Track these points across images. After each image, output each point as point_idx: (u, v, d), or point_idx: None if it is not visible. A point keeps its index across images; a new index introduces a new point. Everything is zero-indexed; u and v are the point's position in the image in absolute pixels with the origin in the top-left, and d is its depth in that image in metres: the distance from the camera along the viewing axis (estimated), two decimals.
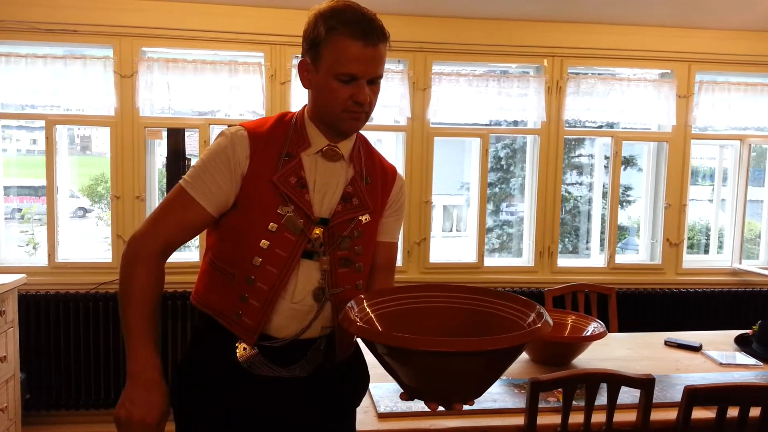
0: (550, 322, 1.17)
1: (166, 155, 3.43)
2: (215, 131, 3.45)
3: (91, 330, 3.27)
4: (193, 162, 3.50)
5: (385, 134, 3.76)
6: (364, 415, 1.79)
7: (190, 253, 3.64)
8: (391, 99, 3.46)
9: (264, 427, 1.42)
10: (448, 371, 1.08)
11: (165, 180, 3.48)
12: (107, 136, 3.35)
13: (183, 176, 1.42)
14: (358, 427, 1.63)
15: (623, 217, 5.27)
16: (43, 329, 3.23)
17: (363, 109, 1.37)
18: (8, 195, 3.56)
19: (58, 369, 3.26)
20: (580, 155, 5.67)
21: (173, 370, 1.50)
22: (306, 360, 1.42)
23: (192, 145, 3.50)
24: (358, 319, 1.21)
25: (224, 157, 1.38)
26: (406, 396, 1.20)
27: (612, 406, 1.79)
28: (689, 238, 4.55)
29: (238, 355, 1.38)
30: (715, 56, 3.70)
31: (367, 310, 1.27)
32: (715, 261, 3.99)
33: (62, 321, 3.25)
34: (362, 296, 1.32)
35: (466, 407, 1.20)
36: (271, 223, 1.36)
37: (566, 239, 5.29)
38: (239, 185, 1.38)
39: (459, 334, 1.24)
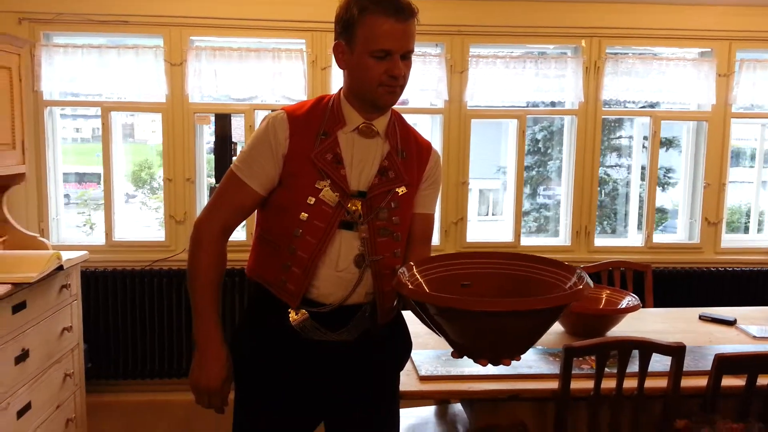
0: (591, 283, 1.25)
1: (213, 140, 3.59)
2: (260, 116, 3.59)
3: (146, 304, 3.47)
4: (239, 146, 3.68)
5: (421, 117, 3.84)
6: (406, 378, 1.90)
7: (236, 233, 3.80)
8: (429, 82, 3.54)
9: (315, 386, 1.55)
10: (497, 329, 1.19)
11: (213, 163, 3.64)
12: (149, 123, 3.51)
13: (233, 161, 1.56)
14: (401, 387, 1.75)
15: (665, 200, 5.24)
16: (101, 303, 3.45)
17: (398, 83, 1.46)
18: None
19: (116, 340, 3.48)
20: (620, 137, 5.65)
21: (232, 336, 1.64)
22: (353, 325, 1.53)
23: (238, 130, 3.65)
24: (409, 284, 1.31)
25: (266, 141, 1.51)
26: (457, 354, 1.31)
27: (643, 373, 1.86)
28: (731, 221, 4.53)
29: (290, 319, 1.51)
30: (757, 33, 3.66)
31: (417, 275, 1.37)
32: (755, 241, 3.97)
33: (119, 295, 3.46)
34: (411, 263, 1.43)
35: (510, 364, 1.30)
36: (310, 197, 1.47)
37: (605, 222, 5.30)
38: (281, 165, 1.50)
39: (503, 297, 1.34)
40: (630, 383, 1.87)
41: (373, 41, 1.42)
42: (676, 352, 1.84)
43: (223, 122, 3.60)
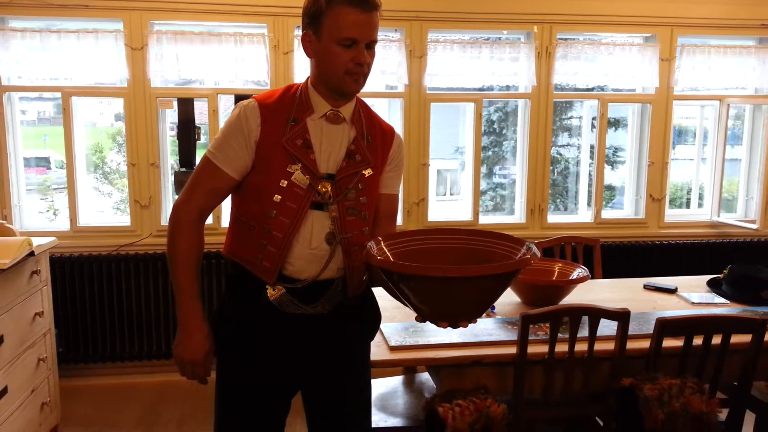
0: (538, 253, 1.41)
1: (177, 124, 3.62)
2: (223, 100, 3.64)
3: (114, 288, 3.51)
4: (203, 130, 3.71)
5: (378, 100, 3.95)
6: (377, 349, 2.04)
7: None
8: (389, 66, 3.64)
9: (292, 356, 1.66)
10: (454, 294, 1.33)
11: (177, 147, 3.68)
12: (96, 105, 3.50)
13: (208, 148, 1.66)
14: (373, 357, 1.89)
15: (614, 178, 5.49)
16: (69, 288, 3.47)
17: (362, 71, 1.58)
18: None
19: (85, 325, 3.51)
20: (571, 117, 5.87)
21: (213, 312, 1.74)
22: (326, 298, 1.65)
23: (201, 114, 3.69)
24: (377, 255, 1.44)
25: (239, 128, 1.60)
26: (420, 319, 1.44)
27: (593, 337, 2.05)
28: (678, 196, 4.79)
29: (269, 295, 1.62)
30: (696, 20, 3.89)
31: (384, 248, 1.50)
32: (696, 215, 4.25)
33: (87, 280, 3.48)
34: (380, 238, 1.56)
35: (467, 326, 1.45)
36: (282, 180, 1.58)
37: (558, 199, 5.52)
38: (254, 150, 1.60)
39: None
40: (581, 347, 2.05)
41: (340, 30, 1.53)
42: (622, 317, 2.03)
43: (185, 106, 3.63)
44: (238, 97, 3.60)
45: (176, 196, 3.81)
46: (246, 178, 1.63)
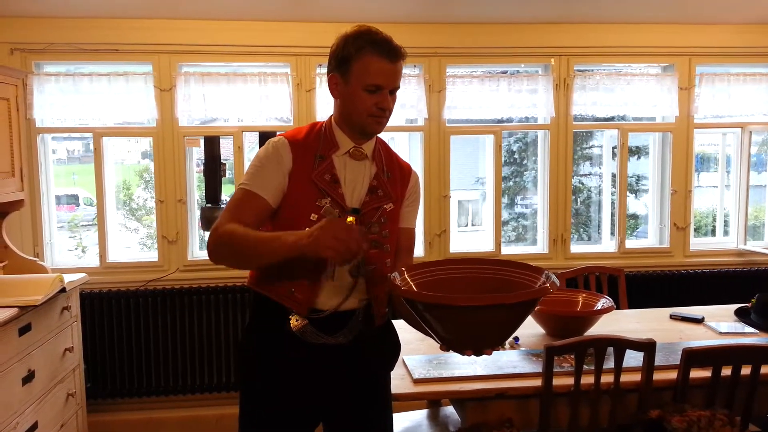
0: (557, 282, 1.44)
1: (203, 161, 3.72)
2: (248, 138, 3.72)
3: (141, 323, 3.56)
4: (228, 165, 3.79)
5: (399, 134, 4.01)
6: (401, 381, 2.05)
7: None
8: (409, 101, 3.71)
9: (314, 385, 1.69)
10: (477, 322, 1.36)
11: (203, 183, 3.76)
12: (125, 143, 3.62)
13: (241, 182, 1.70)
14: (397, 390, 1.90)
15: (639, 207, 5.46)
16: (97, 324, 3.53)
17: (385, 114, 1.66)
18: None
19: (113, 360, 3.56)
20: (592, 146, 5.88)
21: (241, 337, 1.77)
22: (347, 329, 1.69)
23: (227, 151, 3.78)
24: (401, 286, 1.48)
25: (273, 158, 1.67)
26: (444, 348, 1.47)
27: (619, 368, 2.03)
28: (703, 225, 4.74)
29: (291, 325, 1.66)
30: (714, 49, 3.90)
31: (408, 279, 1.54)
32: (722, 243, 4.19)
33: (115, 315, 3.55)
34: (403, 269, 1.59)
35: (492, 354, 1.47)
36: (313, 214, 1.64)
37: (581, 229, 5.49)
38: (288, 180, 1.65)
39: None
40: (607, 378, 2.04)
41: (367, 77, 1.62)
42: (647, 347, 2.01)
43: (212, 144, 3.73)
44: (263, 134, 3.69)
45: (202, 231, 3.83)
46: (277, 213, 1.68)
